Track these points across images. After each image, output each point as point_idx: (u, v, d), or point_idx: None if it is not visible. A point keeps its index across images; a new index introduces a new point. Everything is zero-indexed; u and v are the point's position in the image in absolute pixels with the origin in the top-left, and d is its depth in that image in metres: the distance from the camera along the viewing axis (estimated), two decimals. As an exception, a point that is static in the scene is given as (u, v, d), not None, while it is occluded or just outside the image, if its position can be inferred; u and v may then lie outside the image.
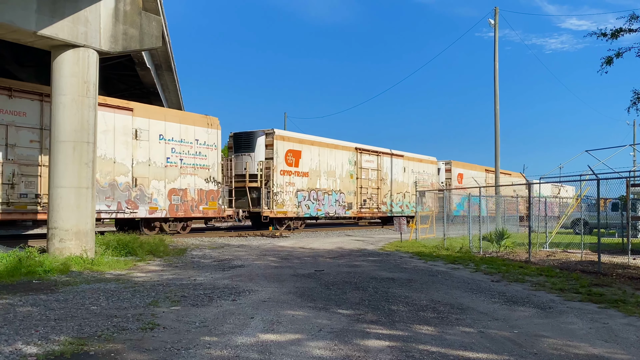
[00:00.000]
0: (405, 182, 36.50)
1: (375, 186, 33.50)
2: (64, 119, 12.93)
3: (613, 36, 15.69)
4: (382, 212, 34.41)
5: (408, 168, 36.90)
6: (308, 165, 28.61)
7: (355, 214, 32.11)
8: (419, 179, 36.67)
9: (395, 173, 35.63)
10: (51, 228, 12.96)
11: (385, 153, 34.89)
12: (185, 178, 22.71)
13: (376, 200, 33.65)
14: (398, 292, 9.82)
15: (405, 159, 36.79)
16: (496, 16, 31.27)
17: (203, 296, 8.98)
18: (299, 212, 27.83)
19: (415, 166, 37.79)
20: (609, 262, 14.69)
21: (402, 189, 36.32)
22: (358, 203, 32.02)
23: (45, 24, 12.30)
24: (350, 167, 31.64)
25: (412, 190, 35.20)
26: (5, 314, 7.27)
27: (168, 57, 23.44)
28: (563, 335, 6.83)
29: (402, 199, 36.26)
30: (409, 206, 36.55)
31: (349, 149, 31.85)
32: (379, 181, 33.84)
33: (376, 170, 33.67)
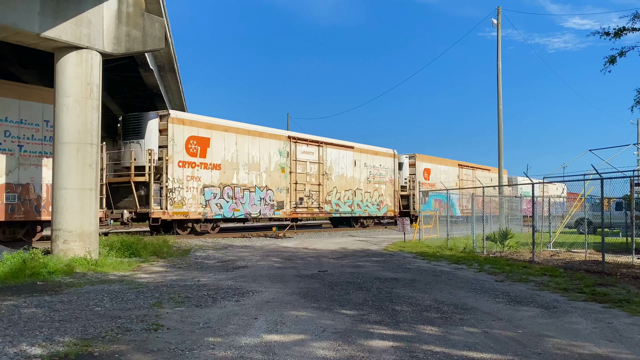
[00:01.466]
0: (356, 178, 32.22)
1: (315, 182, 29.01)
2: (67, 121, 12.96)
3: (616, 35, 15.64)
4: (325, 213, 30.12)
5: (360, 161, 32.62)
6: (220, 156, 23.86)
7: (288, 215, 27.57)
8: (374, 174, 33.64)
9: (342, 167, 31.24)
10: (55, 229, 12.99)
11: (329, 144, 30.48)
12: (27, 170, 17.07)
13: (317, 198, 29.11)
14: (402, 292, 9.82)
15: (356, 150, 32.46)
16: (499, 16, 31.24)
17: (207, 297, 8.99)
18: (207, 212, 22.95)
19: (369, 159, 33.55)
20: (613, 262, 14.66)
21: (352, 186, 31.87)
22: (292, 202, 27.49)
23: (48, 26, 12.33)
24: (282, 159, 26.98)
25: (365, 187, 32.70)
26: (9, 315, 7.29)
27: (171, 58, 23.46)
28: (567, 335, 6.82)
29: (352, 197, 31.74)
30: (361, 205, 32.52)
31: (280, 137, 27.26)
32: (320, 176, 29.28)
33: (317, 163, 29.11)
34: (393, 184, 35.50)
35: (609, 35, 15.72)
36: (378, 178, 33.95)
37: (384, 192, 34.55)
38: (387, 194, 34.71)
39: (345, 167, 31.50)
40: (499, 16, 31.24)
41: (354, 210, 31.87)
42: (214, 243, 20.24)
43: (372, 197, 33.50)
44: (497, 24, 31.10)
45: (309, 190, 28.65)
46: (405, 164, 37.71)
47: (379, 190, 34.06)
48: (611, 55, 15.89)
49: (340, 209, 30.89)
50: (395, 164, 35.82)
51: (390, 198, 34.99)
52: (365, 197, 32.88)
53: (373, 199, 33.55)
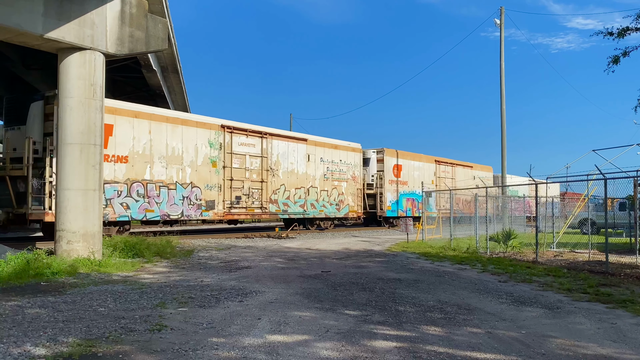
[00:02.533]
0: (309, 174, 28.27)
1: (258, 179, 25.13)
2: (70, 122, 12.99)
3: (620, 35, 15.61)
4: (269, 213, 26.07)
5: (315, 156, 28.78)
6: (128, 147, 20.03)
7: (221, 217, 23.76)
8: (333, 170, 29.82)
9: (293, 162, 27.29)
10: (59, 230, 13.01)
11: (276, 135, 26.53)
12: None
13: (260, 197, 25.23)
14: (405, 292, 9.81)
15: (310, 144, 28.56)
16: (502, 16, 31.22)
17: (210, 297, 9.00)
18: (107, 213, 19.00)
19: (327, 154, 29.66)
20: (617, 262, 14.63)
21: (305, 183, 27.90)
22: (226, 201, 23.55)
23: (51, 27, 12.36)
24: (213, 151, 23.03)
25: (321, 185, 28.88)
26: (13, 316, 7.30)
27: (174, 59, 23.50)
28: (571, 336, 6.81)
29: (304, 196, 27.81)
30: (315, 205, 28.56)
31: (210, 126, 23.20)
32: (264, 172, 25.40)
33: (260, 157, 25.24)
34: (357, 181, 31.81)
35: (613, 35, 15.69)
36: (338, 175, 30.23)
37: (345, 190, 30.65)
38: (349, 192, 30.91)
39: (297, 162, 27.59)
40: (502, 16, 31.22)
41: (307, 211, 28.02)
42: (217, 244, 20.26)
43: (331, 196, 29.58)
44: (500, 24, 31.08)
45: (249, 188, 24.80)
46: (372, 160, 34.08)
47: (338, 188, 30.17)
48: (615, 55, 15.86)
49: (290, 209, 27.06)
50: (359, 159, 32.09)
51: (353, 197, 31.28)
52: (322, 196, 29.04)
53: (331, 198, 29.62)
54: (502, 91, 30.99)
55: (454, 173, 40.57)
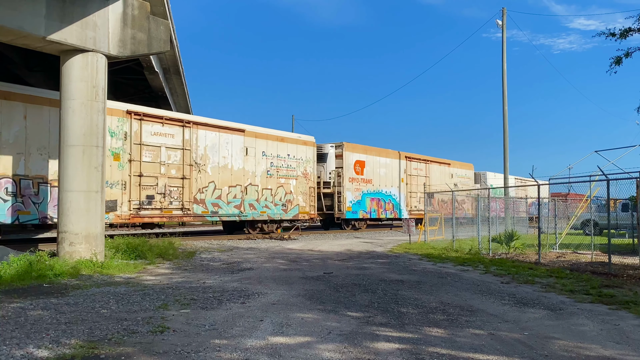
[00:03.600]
0: (248, 170, 24.57)
1: (178, 175, 21.46)
2: (73, 123, 13.01)
3: (622, 36, 15.60)
4: (194, 216, 22.29)
5: (255, 149, 25.10)
6: None
7: (125, 219, 19.95)
8: (279, 166, 26.23)
9: (226, 156, 23.65)
10: (61, 232, 13.03)
11: (202, 124, 22.83)
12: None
13: (180, 196, 21.53)
14: (407, 294, 9.81)
15: (248, 135, 24.81)
16: (504, 17, 31.21)
17: (212, 299, 9.00)
18: None
19: (271, 147, 25.98)
20: (620, 263, 14.60)
21: (242, 181, 24.22)
22: (133, 201, 19.89)
23: (54, 29, 12.39)
24: (114, 141, 19.48)
25: (263, 183, 25.28)
26: (16, 318, 7.31)
27: (176, 61, 23.53)
28: (574, 337, 6.79)
29: (240, 195, 24.05)
30: (255, 206, 24.83)
31: (112, 112, 19.20)
32: (186, 167, 21.78)
33: (181, 149, 21.58)
34: (309, 178, 28.05)
35: (615, 36, 15.69)
36: (285, 171, 26.56)
37: (294, 189, 26.97)
38: (299, 191, 27.24)
39: (231, 155, 23.85)
40: (504, 17, 31.21)
41: (244, 212, 24.28)
42: (220, 245, 20.26)
43: (276, 196, 25.96)
44: (502, 25, 31.07)
45: (166, 185, 21.06)
46: (330, 155, 30.61)
47: (286, 186, 26.51)
48: (617, 56, 15.87)
49: (221, 210, 23.32)
50: (312, 154, 28.42)
51: (304, 196, 27.60)
52: (264, 196, 25.36)
53: (276, 198, 26.02)
54: (504, 92, 30.98)
55: (428, 170, 37.48)
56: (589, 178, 17.76)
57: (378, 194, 32.92)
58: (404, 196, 34.78)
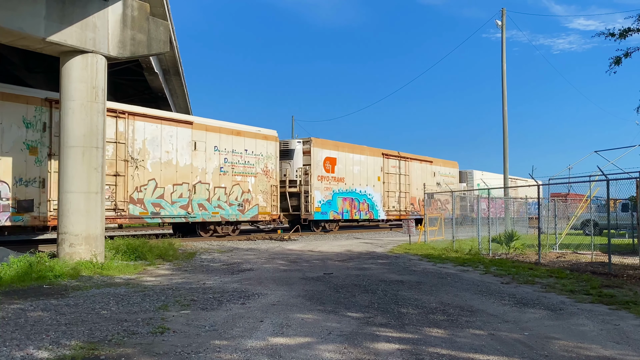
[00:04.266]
0: (197, 167, 22.43)
1: (110, 171, 19.23)
2: (72, 124, 13.02)
3: (621, 36, 15.63)
4: (130, 217, 20.05)
5: (206, 144, 22.87)
6: None
7: (43, 221, 17.70)
8: (235, 162, 24.01)
9: (170, 150, 21.44)
10: (61, 233, 13.04)
11: (141, 115, 20.58)
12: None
13: (114, 196, 19.40)
14: (407, 294, 9.81)
15: (197, 128, 22.56)
16: (503, 17, 31.21)
17: (212, 300, 9.00)
18: None
19: (226, 142, 23.70)
20: (620, 263, 14.61)
21: (189, 179, 22.02)
22: (54, 200, 17.31)
23: (54, 31, 12.40)
24: (31, 134, 17.29)
25: (216, 181, 23.11)
26: (16, 319, 7.31)
27: (176, 62, 23.55)
28: (574, 337, 6.80)
29: (188, 194, 21.91)
30: (206, 206, 22.69)
31: (27, 99, 17.36)
32: (121, 163, 19.66)
33: (114, 143, 19.41)
34: (271, 176, 25.87)
35: (614, 36, 15.72)
36: (242, 168, 24.31)
37: (252, 187, 24.77)
38: (259, 190, 25.00)
39: (176, 150, 21.61)
40: (504, 17, 31.22)
41: (192, 213, 22.03)
42: (220, 246, 20.26)
43: (231, 195, 23.75)
44: (502, 26, 31.08)
45: None
46: (296, 152, 28.34)
47: (243, 184, 24.32)
48: (616, 56, 15.90)
49: (164, 211, 21.15)
50: (274, 149, 26.26)
51: (265, 196, 25.38)
52: (217, 195, 23.11)
53: (232, 197, 23.80)
54: (503, 92, 30.98)
55: (407, 169, 35.41)
56: (589, 178, 17.78)
57: (351, 193, 30.81)
58: (381, 195, 32.85)
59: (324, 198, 28.69)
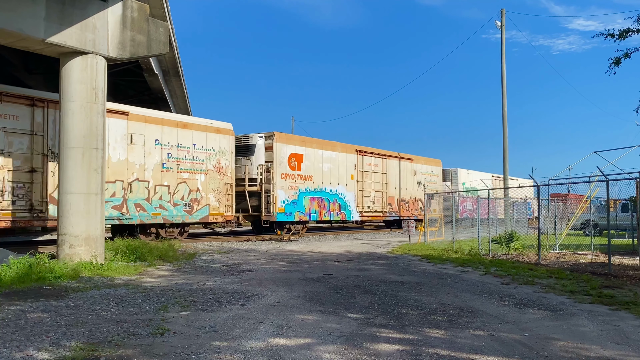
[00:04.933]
0: (134, 163, 19.93)
1: (24, 167, 16.88)
2: (72, 126, 13.02)
3: (621, 37, 15.62)
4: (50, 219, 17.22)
5: (145, 137, 20.26)
6: None
7: None
8: (181, 157, 21.56)
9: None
10: (61, 234, 13.03)
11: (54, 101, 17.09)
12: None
13: (28, 195, 16.95)
14: (407, 295, 9.81)
15: (134, 119, 20.06)
16: (503, 18, 31.25)
17: (212, 301, 9.00)
18: None
19: (168, 135, 21.13)
20: (620, 264, 14.60)
21: (124, 176, 19.60)
22: None
23: (53, 32, 12.40)
24: None
25: (156, 179, 20.50)
26: (16, 320, 7.31)
27: (175, 63, 23.55)
28: (574, 338, 6.80)
29: (123, 194, 19.48)
30: (145, 207, 20.07)
31: None
32: (37, 158, 17.13)
33: (29, 134, 16.99)
34: (224, 173, 23.35)
35: (614, 37, 15.71)
36: (190, 164, 22.00)
37: (202, 185, 22.43)
38: (210, 188, 22.60)
39: (108, 144, 18.30)
40: (503, 18, 31.25)
41: (126, 214, 19.60)
42: (220, 247, 20.26)
43: (176, 194, 21.28)
44: (501, 26, 31.11)
45: (5, 180, 16.43)
46: (257, 147, 25.90)
47: (191, 182, 21.98)
48: (616, 57, 15.88)
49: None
50: (229, 144, 23.79)
51: (218, 195, 22.96)
52: (158, 194, 20.63)
53: (177, 197, 21.35)
54: (503, 93, 31.01)
55: (385, 167, 33.20)
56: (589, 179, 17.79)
57: (320, 192, 28.43)
58: (355, 195, 30.63)
59: (289, 198, 26.49)
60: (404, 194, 34.53)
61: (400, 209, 33.96)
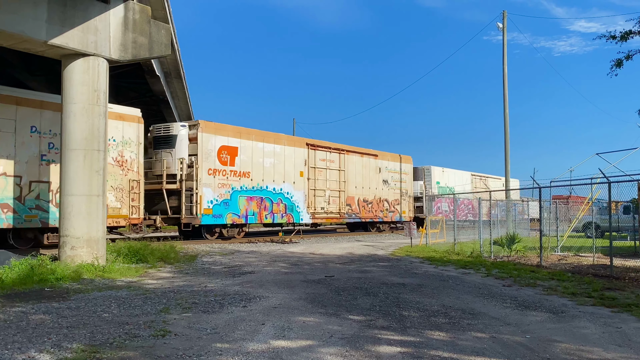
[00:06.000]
0: None
1: None
2: (74, 128, 13.04)
3: (622, 38, 15.62)
4: None
5: (16, 124, 16.86)
6: None
7: None
8: None
9: None
10: (63, 236, 13.04)
11: None
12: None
13: None
14: (409, 297, 9.79)
15: None
16: (504, 20, 31.23)
17: (214, 303, 9.00)
18: None
19: (50, 122, 17.48)
20: (622, 266, 14.58)
21: None
22: None
23: (55, 34, 12.42)
24: None
25: (32, 174, 17.10)
26: (18, 322, 7.31)
27: (177, 64, 23.58)
28: (576, 340, 6.78)
29: None
30: (16, 208, 16.72)
31: None
32: None
33: None
34: (128, 168, 20.06)
35: (615, 39, 15.70)
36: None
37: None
38: (109, 186, 17.79)
39: None
40: (505, 20, 31.23)
41: None
42: (221, 249, 20.25)
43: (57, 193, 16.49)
44: (503, 28, 31.09)
45: None
46: (180, 138, 22.40)
47: None
48: (618, 59, 15.88)
49: None
50: (137, 134, 20.40)
51: (120, 194, 19.67)
52: (34, 192, 17.27)
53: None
54: (505, 94, 30.98)
55: (343, 163, 30.13)
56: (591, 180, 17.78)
57: (261, 191, 24.92)
58: (305, 194, 27.32)
59: (219, 197, 22.79)
60: (367, 193, 31.90)
61: (362, 210, 31.21)
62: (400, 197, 34.58)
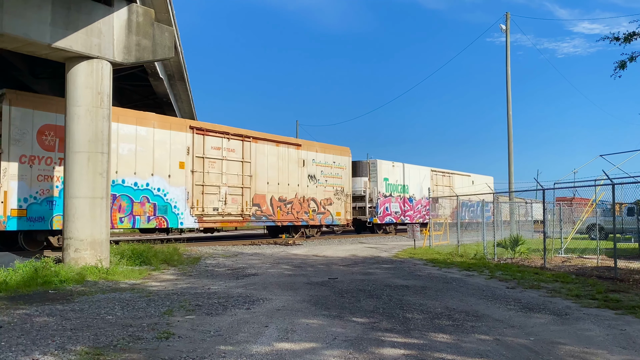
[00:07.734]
0: None
1: None
2: (78, 130, 13.07)
3: (626, 40, 15.58)
4: None
5: None
6: None
7: None
8: None
9: None
10: (66, 238, 13.07)
11: None
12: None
13: None
14: (412, 299, 9.78)
15: None
16: (507, 21, 31.20)
17: (217, 305, 9.00)
18: None
19: None
20: (626, 268, 14.54)
21: None
22: None
23: (59, 37, 12.46)
24: None
25: None
26: (22, 324, 7.33)
27: (180, 67, 23.60)
28: (580, 342, 6.77)
29: None
30: None
31: None
32: None
33: None
34: None
35: (619, 40, 15.66)
36: None
37: None
38: None
39: None
40: (508, 22, 31.20)
41: None
42: (224, 251, 20.27)
43: None
44: (506, 30, 31.06)
45: None
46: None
47: None
48: (621, 60, 15.83)
49: None
50: None
51: None
52: None
53: None
54: (508, 96, 30.93)
55: (249, 153, 24.49)
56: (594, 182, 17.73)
57: (113, 186, 18.56)
58: (188, 192, 21.66)
59: (39, 195, 16.95)
60: (285, 191, 26.06)
61: (276, 212, 25.49)
62: (334, 196, 29.22)
